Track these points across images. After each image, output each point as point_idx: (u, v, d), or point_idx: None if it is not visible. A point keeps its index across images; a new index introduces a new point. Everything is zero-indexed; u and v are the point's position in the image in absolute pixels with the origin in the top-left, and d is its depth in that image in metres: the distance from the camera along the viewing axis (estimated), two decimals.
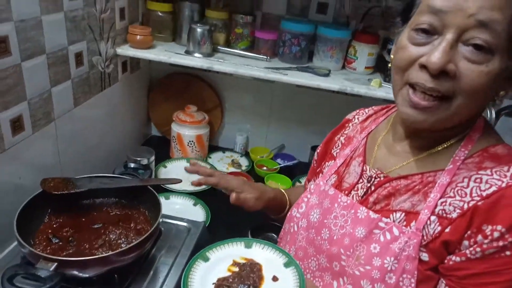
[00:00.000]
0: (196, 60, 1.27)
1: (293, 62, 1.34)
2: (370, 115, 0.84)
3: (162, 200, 0.84)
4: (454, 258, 0.60)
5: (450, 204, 0.61)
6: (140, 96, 1.57)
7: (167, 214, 0.95)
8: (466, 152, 0.64)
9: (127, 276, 0.76)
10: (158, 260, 0.82)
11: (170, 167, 1.45)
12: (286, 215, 0.85)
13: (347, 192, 0.74)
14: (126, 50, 1.28)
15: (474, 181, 0.60)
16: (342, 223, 0.71)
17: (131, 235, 0.80)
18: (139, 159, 1.20)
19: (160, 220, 0.79)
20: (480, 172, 0.60)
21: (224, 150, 1.65)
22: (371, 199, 0.70)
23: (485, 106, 0.65)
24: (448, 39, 0.54)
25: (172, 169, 1.44)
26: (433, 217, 0.62)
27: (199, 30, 1.27)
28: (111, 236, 0.79)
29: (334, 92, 1.29)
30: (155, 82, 1.62)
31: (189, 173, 0.93)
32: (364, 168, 0.74)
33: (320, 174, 0.85)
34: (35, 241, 0.76)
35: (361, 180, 0.73)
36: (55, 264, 0.64)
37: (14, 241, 0.77)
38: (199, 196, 1.29)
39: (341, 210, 0.72)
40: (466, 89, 0.55)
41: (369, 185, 0.71)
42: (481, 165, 0.62)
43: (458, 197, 0.60)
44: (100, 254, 0.73)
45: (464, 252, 0.59)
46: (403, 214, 0.65)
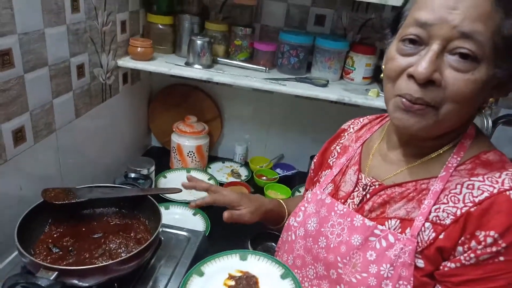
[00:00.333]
0: (196, 72, 1.29)
1: (292, 73, 1.36)
2: (365, 124, 0.86)
3: (162, 210, 0.84)
4: (449, 265, 0.61)
5: (443, 211, 0.61)
6: (140, 107, 1.59)
7: (167, 224, 0.95)
8: (459, 159, 0.65)
9: (127, 285, 0.76)
10: (158, 269, 0.83)
11: (170, 178, 1.46)
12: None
13: (343, 200, 0.75)
14: (127, 62, 1.30)
15: (467, 188, 0.61)
16: (339, 231, 0.71)
17: (131, 244, 0.80)
18: (139, 169, 1.20)
19: (160, 229, 0.79)
20: (472, 179, 0.61)
21: (223, 160, 1.66)
22: (367, 207, 0.70)
23: (475, 113, 0.66)
24: (433, 49, 0.56)
25: (172, 179, 1.45)
26: (427, 224, 0.62)
27: (199, 42, 1.29)
28: (111, 245, 0.79)
29: (333, 102, 1.31)
30: (155, 93, 1.63)
31: (186, 189, 0.93)
32: (359, 176, 0.75)
33: (317, 183, 0.85)
34: (35, 250, 0.76)
35: (356, 189, 0.74)
36: (56, 273, 0.64)
37: (14, 251, 0.77)
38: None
39: (337, 218, 0.73)
40: (453, 97, 0.57)
41: (364, 193, 0.72)
42: (473, 171, 0.63)
43: (451, 204, 0.61)
44: (100, 263, 0.73)
45: (458, 258, 0.60)
46: (398, 221, 0.66)
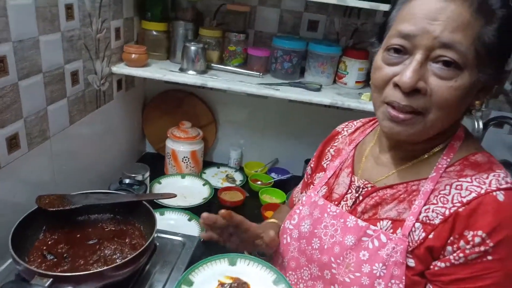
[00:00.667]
0: (190, 77, 1.29)
1: (285, 78, 1.37)
2: (358, 127, 0.87)
3: (157, 216, 0.84)
4: (439, 264, 0.62)
5: (433, 211, 0.63)
6: (134, 114, 1.59)
7: (162, 229, 0.95)
8: (448, 160, 0.66)
9: None
10: (153, 275, 0.83)
11: (164, 183, 1.46)
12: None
13: (337, 202, 0.76)
14: (121, 69, 1.30)
15: (455, 188, 0.62)
16: (332, 232, 0.72)
17: (126, 250, 0.80)
18: (134, 175, 1.20)
19: (155, 235, 0.79)
20: (460, 180, 0.63)
21: (218, 165, 1.67)
22: (359, 209, 0.72)
23: (462, 116, 0.68)
24: (417, 59, 0.58)
25: (167, 185, 1.45)
26: (417, 224, 0.64)
27: (193, 48, 1.30)
28: (106, 251, 0.79)
29: (326, 106, 1.33)
30: (149, 100, 1.64)
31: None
32: (352, 179, 0.76)
33: (311, 185, 0.86)
34: (30, 258, 0.76)
35: (349, 191, 0.75)
36: (50, 280, 0.65)
37: (8, 258, 0.76)
38: (193, 211, 1.30)
39: (330, 219, 0.74)
40: (438, 103, 0.58)
41: (357, 195, 0.73)
42: (462, 173, 0.64)
43: (440, 204, 0.63)
44: (95, 270, 0.73)
45: (448, 257, 0.61)
46: (390, 222, 0.67)
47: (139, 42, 1.44)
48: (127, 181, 1.09)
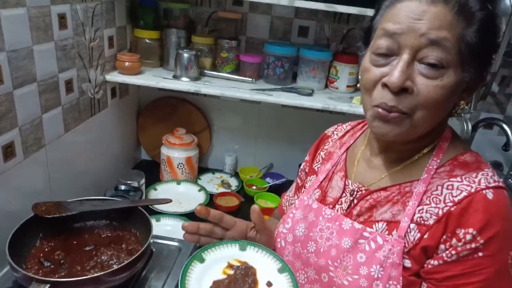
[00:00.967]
0: (184, 84, 1.31)
1: (278, 83, 1.39)
2: (348, 130, 0.88)
3: (153, 222, 0.85)
4: (432, 262, 0.63)
5: (426, 212, 0.64)
6: (129, 121, 1.60)
7: (158, 235, 0.96)
8: (438, 161, 0.68)
9: None
10: (150, 280, 0.83)
11: (160, 190, 1.46)
12: None
13: (331, 206, 0.77)
14: (115, 77, 1.32)
15: (447, 188, 0.64)
16: (328, 235, 0.73)
17: (123, 255, 0.81)
18: (129, 182, 1.21)
19: (151, 240, 0.80)
20: (451, 180, 0.65)
21: (213, 171, 1.68)
22: (355, 212, 0.73)
23: (448, 116, 0.70)
24: (404, 59, 0.60)
25: (162, 191, 1.46)
26: (412, 225, 0.65)
27: (186, 55, 1.32)
28: (102, 257, 0.80)
29: (318, 110, 1.34)
30: (143, 107, 1.65)
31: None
32: (346, 182, 0.77)
33: (303, 189, 0.87)
34: (27, 265, 0.77)
35: (344, 194, 0.76)
36: (48, 286, 0.65)
37: (5, 266, 0.77)
38: (189, 217, 1.31)
39: (326, 222, 0.74)
40: (425, 102, 0.60)
41: (352, 198, 0.75)
42: (452, 173, 0.66)
43: (433, 204, 0.64)
44: (92, 275, 0.73)
45: (441, 255, 0.62)
46: (385, 224, 0.68)
47: (132, 50, 1.46)
48: (123, 187, 1.10)
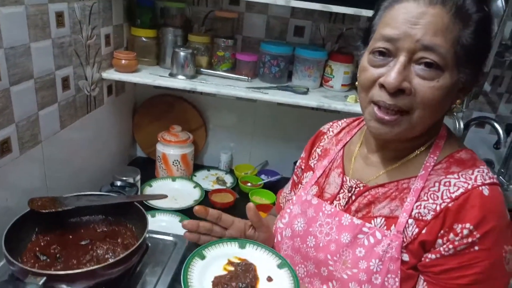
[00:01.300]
0: (180, 82, 1.32)
1: (273, 81, 1.41)
2: (344, 127, 0.90)
3: (148, 218, 0.86)
4: (430, 256, 0.65)
5: (424, 207, 0.66)
6: (125, 118, 1.61)
7: (154, 230, 0.97)
8: (435, 158, 0.70)
9: None
10: (145, 273, 0.84)
11: (155, 186, 1.47)
12: None
13: (329, 202, 0.78)
14: (111, 74, 1.33)
15: (444, 185, 0.66)
16: (328, 231, 0.75)
17: (119, 250, 0.82)
18: (125, 178, 1.22)
19: (147, 235, 0.81)
20: (448, 176, 0.67)
21: (209, 168, 1.69)
22: (353, 208, 0.74)
23: (444, 115, 0.71)
24: (401, 61, 0.62)
25: (158, 188, 1.47)
26: (410, 220, 0.67)
27: (182, 53, 1.33)
28: (98, 251, 0.81)
29: (313, 109, 1.36)
30: (140, 105, 1.66)
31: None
32: (344, 179, 0.79)
33: (299, 185, 0.89)
34: (23, 259, 0.77)
35: (342, 190, 0.78)
36: (44, 278, 0.66)
37: (1, 260, 0.78)
38: (185, 213, 1.32)
39: (325, 218, 0.76)
40: (422, 103, 0.62)
41: (350, 194, 0.76)
42: (449, 170, 0.68)
43: (431, 200, 0.66)
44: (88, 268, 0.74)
45: (438, 249, 0.64)
46: (383, 219, 0.70)
47: (129, 48, 1.47)
48: (119, 183, 1.10)
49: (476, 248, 0.62)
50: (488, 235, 0.61)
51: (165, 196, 0.95)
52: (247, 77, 1.39)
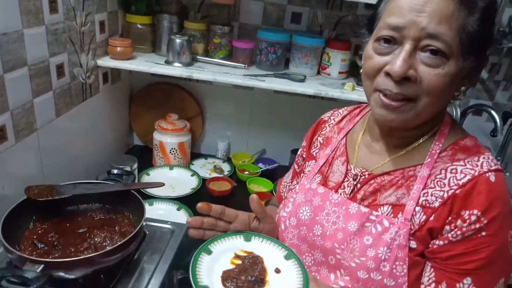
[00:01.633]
0: (176, 70, 1.31)
1: (270, 69, 1.40)
2: (345, 115, 0.89)
3: (146, 206, 0.86)
4: (437, 242, 0.66)
5: (431, 195, 0.67)
6: (121, 107, 1.60)
7: (152, 218, 0.97)
8: (440, 145, 0.70)
9: (113, 277, 0.78)
10: (143, 261, 0.85)
11: (153, 175, 1.47)
12: None
13: (334, 190, 0.78)
14: (106, 62, 1.31)
15: (450, 172, 0.67)
16: (334, 219, 0.75)
17: (116, 237, 0.82)
18: (122, 166, 1.22)
19: (144, 223, 0.81)
20: (454, 164, 0.67)
21: (206, 156, 1.69)
22: (359, 196, 0.74)
23: (448, 102, 0.71)
24: (406, 49, 0.61)
25: (155, 176, 1.47)
26: (418, 208, 0.67)
27: (178, 40, 1.32)
28: (96, 239, 0.81)
29: (311, 96, 1.35)
30: (136, 93, 1.65)
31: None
32: (348, 167, 0.78)
33: (301, 174, 0.88)
34: (20, 247, 0.78)
35: (346, 179, 0.78)
36: (42, 266, 0.66)
37: None
38: (182, 201, 1.32)
39: (332, 207, 0.76)
40: (428, 90, 0.62)
41: (355, 183, 0.76)
42: (454, 157, 0.68)
43: (438, 188, 0.67)
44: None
45: (446, 236, 0.65)
46: (390, 207, 0.70)
47: (124, 35, 1.45)
48: (116, 171, 1.10)
49: (483, 233, 0.63)
50: (495, 220, 0.62)
51: (162, 184, 0.95)
52: (243, 65, 1.38)
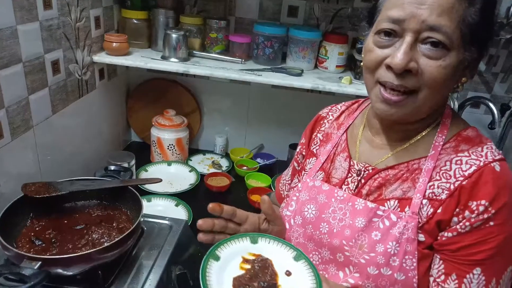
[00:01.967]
0: (173, 65, 1.30)
1: (267, 63, 1.39)
2: (343, 111, 0.88)
3: (144, 202, 0.85)
4: (446, 234, 0.66)
5: (438, 187, 0.67)
6: (118, 103, 1.59)
7: (150, 214, 0.97)
8: (444, 137, 0.70)
9: (111, 273, 0.78)
10: (141, 256, 0.85)
11: (151, 171, 1.47)
12: None
13: (338, 187, 0.77)
14: (102, 58, 1.30)
15: (456, 163, 0.66)
16: (341, 216, 0.74)
17: (114, 234, 0.82)
18: (119, 163, 1.21)
19: (142, 219, 0.81)
20: (459, 155, 0.67)
21: (204, 152, 1.68)
22: (364, 191, 0.74)
23: (449, 94, 0.71)
24: (407, 41, 0.61)
25: (153, 172, 1.47)
26: (424, 201, 0.67)
27: (174, 35, 1.31)
28: (94, 235, 0.81)
29: (308, 91, 1.35)
30: (133, 89, 1.64)
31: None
32: (351, 162, 0.78)
33: (303, 171, 0.87)
34: (18, 244, 0.77)
35: (350, 175, 0.77)
36: (39, 263, 0.66)
37: None
38: (180, 197, 1.32)
39: (338, 204, 0.75)
40: (429, 82, 0.62)
41: (359, 178, 0.75)
42: (458, 148, 0.68)
43: (444, 180, 0.66)
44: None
45: (454, 227, 0.65)
46: (396, 201, 0.70)
47: (120, 31, 1.44)
48: (113, 168, 1.10)
49: (491, 223, 0.63)
50: (502, 210, 0.62)
51: (159, 180, 0.95)
52: (240, 59, 1.37)
